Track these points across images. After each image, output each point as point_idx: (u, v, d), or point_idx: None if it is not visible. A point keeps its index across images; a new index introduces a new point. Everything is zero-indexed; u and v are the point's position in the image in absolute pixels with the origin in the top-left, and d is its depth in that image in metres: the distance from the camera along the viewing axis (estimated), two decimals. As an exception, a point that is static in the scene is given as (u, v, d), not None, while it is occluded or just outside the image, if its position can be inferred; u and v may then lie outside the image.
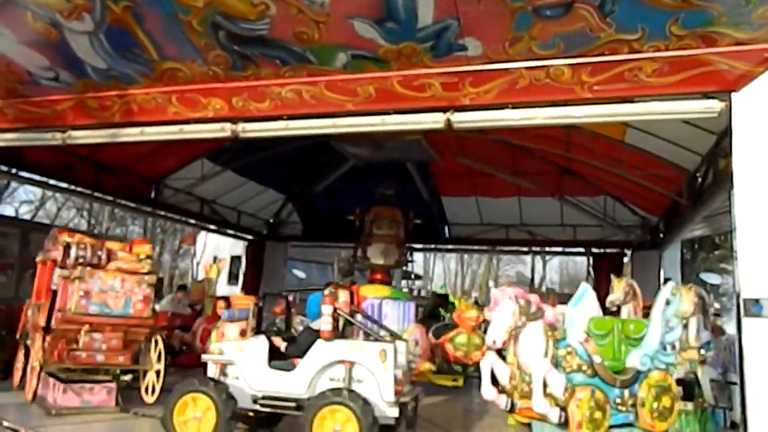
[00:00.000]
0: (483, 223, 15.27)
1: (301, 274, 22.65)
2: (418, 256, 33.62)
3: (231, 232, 16.09)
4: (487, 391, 5.23)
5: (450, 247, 17.47)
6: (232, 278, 26.46)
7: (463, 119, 5.72)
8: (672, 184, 9.98)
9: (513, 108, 5.60)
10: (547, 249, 15.69)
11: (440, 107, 5.75)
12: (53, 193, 28.75)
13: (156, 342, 7.39)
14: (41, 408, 6.88)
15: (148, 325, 7.34)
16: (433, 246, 17.76)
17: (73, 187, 11.48)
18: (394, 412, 5.25)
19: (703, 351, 6.20)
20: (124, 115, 6.64)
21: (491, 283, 36.97)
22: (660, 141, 8.50)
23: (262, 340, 5.77)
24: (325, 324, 5.61)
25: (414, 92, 5.70)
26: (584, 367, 5.14)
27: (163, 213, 13.99)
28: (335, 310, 5.69)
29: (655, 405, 5.30)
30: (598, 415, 5.07)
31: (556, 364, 5.08)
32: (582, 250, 15.34)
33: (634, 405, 5.30)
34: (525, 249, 15.66)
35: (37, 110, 6.99)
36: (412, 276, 13.80)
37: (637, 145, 8.96)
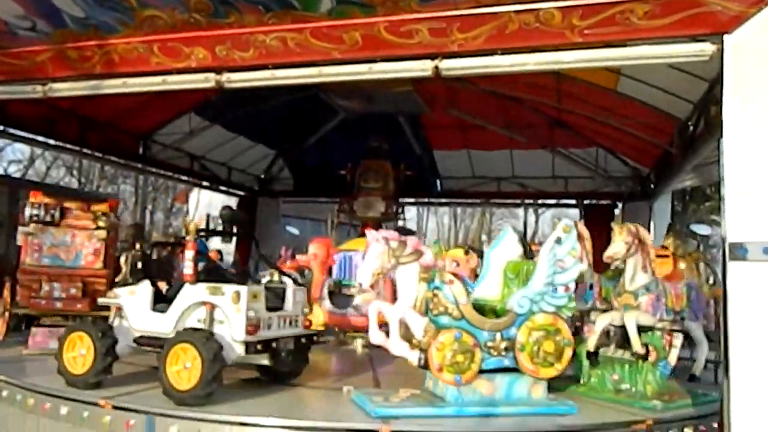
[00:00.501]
0: (475, 176, 15.26)
1: (295, 231, 22.66)
2: (411, 212, 33.71)
3: (222, 188, 16.02)
4: (375, 335, 5.34)
5: (442, 200, 17.46)
6: (226, 236, 26.47)
7: (452, 66, 5.59)
8: (664, 134, 9.95)
9: (502, 54, 5.46)
10: (539, 201, 15.72)
11: (428, 54, 5.61)
12: (42, 152, 28.46)
13: None
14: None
15: (103, 276, 8.02)
16: (425, 200, 17.77)
17: (59, 144, 11.34)
18: (242, 351, 5.59)
19: (638, 296, 5.93)
20: (105, 66, 6.46)
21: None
22: (653, 89, 8.42)
23: (147, 285, 6.16)
24: (187, 268, 5.92)
25: (401, 39, 5.55)
26: (450, 310, 5.11)
27: (153, 170, 13.90)
28: (197, 253, 6.00)
29: (535, 349, 5.20)
30: (460, 358, 5.03)
31: (427, 306, 5.11)
32: (573, 202, 15.39)
33: (509, 349, 5.21)
34: (517, 201, 15.69)
35: (15, 62, 6.78)
36: (397, 228, 13.65)
37: (630, 94, 8.88)
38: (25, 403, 5.73)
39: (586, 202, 14.75)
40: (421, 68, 5.66)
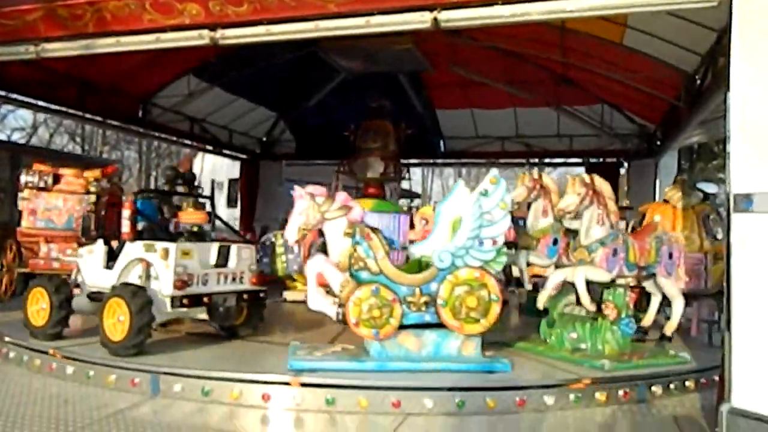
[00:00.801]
0: (479, 135, 15.06)
1: (299, 194, 22.57)
2: (417, 174, 33.51)
3: (225, 152, 15.92)
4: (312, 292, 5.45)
5: (446, 161, 17.31)
6: (232, 201, 26.48)
7: (451, 17, 5.42)
8: (671, 89, 9.73)
9: (503, 4, 5.30)
10: (544, 160, 15.56)
11: (426, 5, 5.44)
12: (44, 119, 28.36)
13: None
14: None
15: None
16: (429, 161, 17.61)
17: (59, 108, 11.22)
18: (167, 306, 5.78)
19: (591, 251, 5.72)
20: (98, 25, 6.32)
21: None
22: (659, 42, 8.18)
23: (100, 244, 6.44)
24: (124, 226, 6.17)
25: (399, -10, 5.41)
26: (368, 264, 5.13)
27: (156, 134, 13.78)
28: (134, 212, 6.24)
29: (457, 305, 5.11)
30: (377, 313, 5.05)
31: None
32: (579, 160, 15.22)
33: (429, 304, 5.16)
34: (522, 161, 15.53)
35: (6, 22, 6.64)
36: (398, 190, 13.32)
37: (636, 48, 8.65)
38: (32, 363, 5.82)
39: (591, 160, 14.57)
40: (420, 20, 5.50)
